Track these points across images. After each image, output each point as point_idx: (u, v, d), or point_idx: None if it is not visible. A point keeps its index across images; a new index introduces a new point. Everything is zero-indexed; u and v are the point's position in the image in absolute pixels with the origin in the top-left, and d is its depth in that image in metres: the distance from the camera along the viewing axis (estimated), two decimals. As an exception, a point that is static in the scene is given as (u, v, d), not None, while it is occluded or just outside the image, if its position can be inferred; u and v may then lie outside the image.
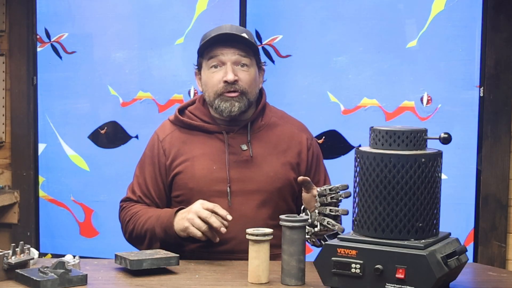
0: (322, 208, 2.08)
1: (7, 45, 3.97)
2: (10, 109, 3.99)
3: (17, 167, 4.00)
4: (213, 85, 2.33)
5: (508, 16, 3.36)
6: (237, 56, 2.32)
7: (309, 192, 2.18)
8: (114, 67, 3.83)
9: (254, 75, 2.35)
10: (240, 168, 2.32)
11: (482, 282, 2.02)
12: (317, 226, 2.07)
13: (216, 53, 2.32)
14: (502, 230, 3.42)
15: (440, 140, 1.81)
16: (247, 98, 2.33)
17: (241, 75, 2.32)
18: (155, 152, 2.40)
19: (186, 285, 1.92)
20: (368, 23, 3.47)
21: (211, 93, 2.34)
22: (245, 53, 2.33)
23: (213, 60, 2.33)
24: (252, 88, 2.35)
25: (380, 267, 1.75)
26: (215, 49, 2.32)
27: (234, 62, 2.32)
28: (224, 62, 2.32)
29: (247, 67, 2.33)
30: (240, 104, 2.32)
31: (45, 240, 3.98)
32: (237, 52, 2.32)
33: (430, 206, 1.79)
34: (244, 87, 2.32)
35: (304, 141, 2.41)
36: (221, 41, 2.32)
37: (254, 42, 2.36)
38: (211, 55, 2.33)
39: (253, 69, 2.36)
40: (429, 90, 3.42)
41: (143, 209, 2.35)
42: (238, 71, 2.32)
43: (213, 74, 2.33)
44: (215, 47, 2.32)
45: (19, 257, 1.94)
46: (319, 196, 2.08)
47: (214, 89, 2.33)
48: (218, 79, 2.32)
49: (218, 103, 2.32)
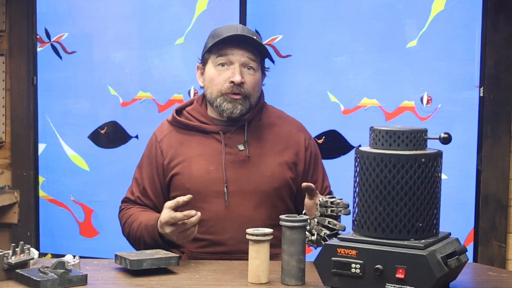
0: (321, 219, 2.09)
1: (7, 45, 3.97)
2: (10, 109, 3.98)
3: (17, 167, 4.00)
4: (219, 83, 2.33)
5: (508, 16, 3.36)
6: (246, 58, 2.33)
7: (312, 199, 2.18)
8: (114, 67, 3.83)
9: (258, 80, 2.36)
10: (237, 168, 2.32)
11: (482, 282, 2.02)
12: (314, 235, 2.08)
13: (227, 51, 2.32)
14: (502, 230, 3.42)
15: (440, 140, 1.81)
16: (249, 102, 2.33)
17: (247, 78, 2.32)
18: (153, 153, 2.40)
19: (186, 285, 1.92)
20: (368, 23, 3.47)
21: (214, 91, 2.34)
22: (254, 56, 2.34)
23: (222, 58, 2.33)
24: (255, 92, 2.35)
25: (380, 267, 1.75)
26: (226, 48, 2.32)
27: (242, 63, 2.32)
28: (233, 62, 2.32)
29: (253, 71, 2.34)
30: (242, 107, 2.32)
31: (45, 240, 3.98)
32: (247, 54, 2.33)
33: (430, 206, 1.79)
34: (248, 91, 2.32)
35: (302, 140, 2.41)
36: (233, 41, 2.32)
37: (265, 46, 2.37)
38: (221, 53, 2.33)
39: (258, 73, 2.36)
40: (429, 90, 3.42)
41: (136, 213, 2.34)
42: (244, 74, 2.32)
43: (219, 72, 2.33)
44: (227, 45, 2.32)
45: (19, 257, 1.94)
46: (320, 206, 2.09)
47: (219, 87, 2.32)
48: (224, 78, 2.32)
49: (220, 102, 2.32)
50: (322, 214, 2.09)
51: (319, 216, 2.09)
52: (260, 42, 2.35)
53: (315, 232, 2.08)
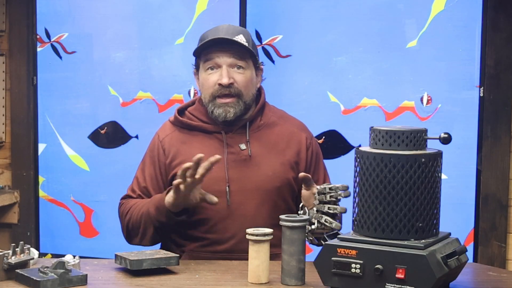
0: (320, 206, 2.07)
1: (7, 45, 3.97)
2: (10, 109, 3.98)
3: (17, 167, 4.00)
4: (209, 87, 2.34)
5: (508, 16, 3.36)
6: (232, 59, 2.32)
7: (309, 189, 2.17)
8: (114, 67, 3.83)
9: (250, 77, 2.36)
10: (238, 168, 2.32)
11: (482, 282, 2.02)
12: (314, 223, 2.06)
13: (212, 56, 2.33)
14: (502, 230, 3.42)
15: (440, 140, 1.81)
16: (243, 101, 2.33)
17: (236, 77, 2.32)
18: (155, 152, 2.41)
19: (186, 285, 1.92)
20: (368, 23, 3.47)
21: (206, 95, 2.35)
22: (241, 55, 2.33)
23: (209, 63, 2.34)
24: (248, 90, 2.35)
25: (380, 267, 1.75)
26: (211, 52, 2.33)
27: (229, 64, 2.32)
28: (220, 65, 2.32)
29: (243, 69, 2.34)
30: (236, 110, 2.32)
31: (45, 240, 3.98)
32: (232, 55, 2.32)
33: (430, 206, 1.79)
34: (239, 90, 2.32)
35: (303, 140, 2.41)
36: (217, 44, 2.32)
37: (249, 46, 2.34)
38: (207, 57, 2.34)
39: (249, 70, 2.36)
40: (429, 90, 3.42)
41: (137, 203, 2.36)
42: (233, 74, 2.32)
43: (208, 76, 2.34)
44: (211, 49, 2.33)
45: (19, 257, 1.94)
46: (318, 194, 2.08)
47: (210, 91, 2.33)
48: (213, 81, 2.33)
49: (212, 108, 2.33)
50: (321, 201, 2.07)
51: (318, 204, 2.08)
52: (242, 43, 2.32)
53: (315, 221, 2.07)
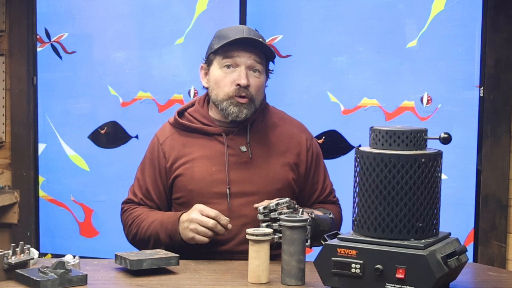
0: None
1: (7, 45, 3.97)
2: (10, 109, 3.98)
3: (17, 167, 4.00)
4: (225, 85, 2.32)
5: (508, 16, 3.36)
6: (252, 61, 2.32)
7: None
8: (114, 67, 3.83)
9: (263, 82, 2.36)
10: (239, 170, 2.32)
11: (482, 282, 2.02)
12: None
13: (233, 54, 2.31)
14: (502, 230, 3.42)
15: (440, 140, 1.81)
16: (254, 105, 2.33)
17: (252, 81, 2.31)
18: (155, 155, 2.40)
19: (186, 285, 1.92)
20: (368, 23, 3.47)
21: (220, 93, 2.33)
22: (260, 59, 2.33)
23: (228, 60, 2.32)
24: (259, 95, 2.35)
25: (380, 267, 1.75)
26: (233, 50, 2.31)
27: (248, 66, 2.31)
28: (239, 65, 2.31)
29: (259, 73, 2.33)
30: (248, 111, 2.32)
31: (45, 240, 3.98)
32: (253, 57, 2.32)
33: (430, 206, 1.79)
34: (253, 94, 2.32)
35: (304, 141, 2.41)
36: (240, 43, 2.31)
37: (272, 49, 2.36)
38: (228, 54, 2.32)
39: (263, 76, 2.36)
40: (429, 90, 3.42)
41: (145, 213, 2.35)
42: (250, 76, 2.31)
43: (225, 74, 2.32)
44: (233, 47, 2.31)
45: (19, 257, 1.94)
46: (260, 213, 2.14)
47: (226, 90, 2.32)
48: (230, 80, 2.31)
49: (226, 106, 2.31)
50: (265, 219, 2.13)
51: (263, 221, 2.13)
52: (266, 45, 2.34)
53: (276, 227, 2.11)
